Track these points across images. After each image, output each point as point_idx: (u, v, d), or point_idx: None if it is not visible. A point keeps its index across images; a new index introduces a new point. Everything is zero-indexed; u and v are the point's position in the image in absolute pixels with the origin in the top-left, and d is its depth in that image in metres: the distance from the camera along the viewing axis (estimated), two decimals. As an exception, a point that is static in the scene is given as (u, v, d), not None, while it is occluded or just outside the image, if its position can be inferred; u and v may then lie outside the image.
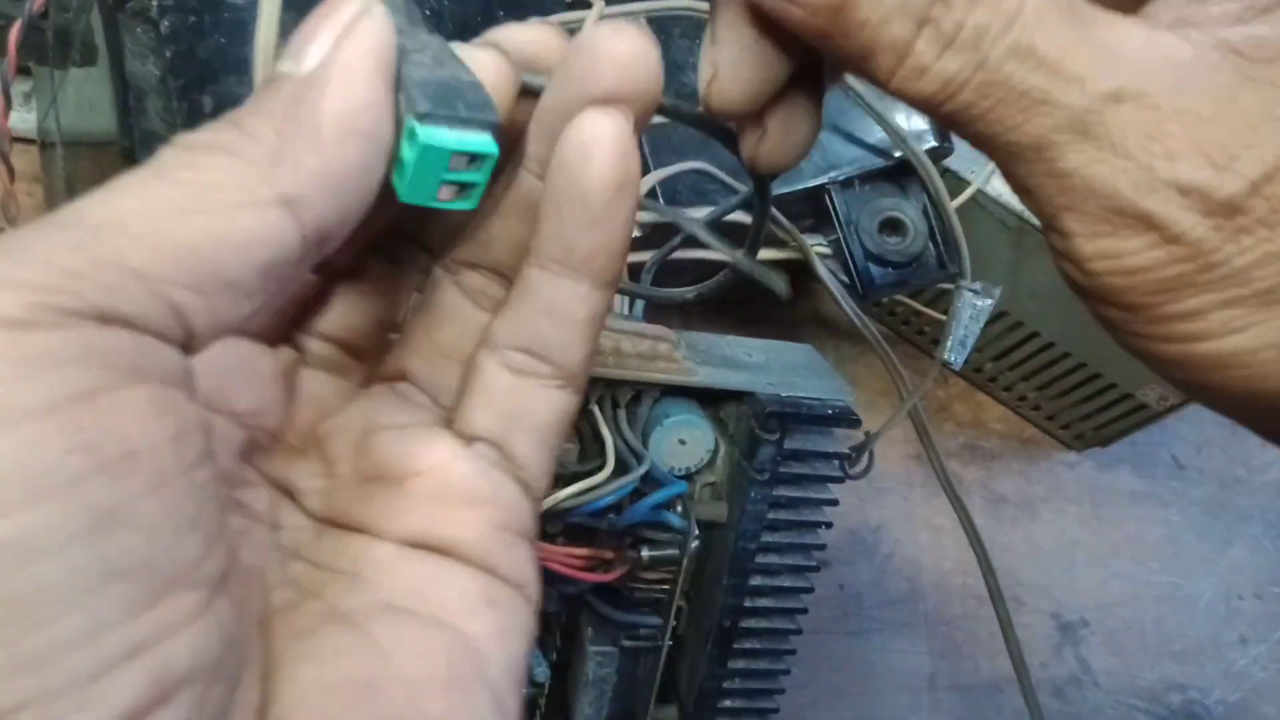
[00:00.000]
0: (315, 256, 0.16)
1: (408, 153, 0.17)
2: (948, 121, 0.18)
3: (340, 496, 0.19)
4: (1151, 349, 0.18)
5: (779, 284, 0.36)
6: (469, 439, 0.19)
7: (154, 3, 0.36)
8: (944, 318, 0.46)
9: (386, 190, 0.17)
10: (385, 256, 0.21)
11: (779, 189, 0.43)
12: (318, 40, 0.16)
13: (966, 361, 0.46)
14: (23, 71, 0.46)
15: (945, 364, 0.46)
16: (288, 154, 0.15)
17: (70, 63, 0.40)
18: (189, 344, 0.15)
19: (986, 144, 0.18)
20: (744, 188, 0.43)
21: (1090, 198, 0.16)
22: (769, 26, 0.18)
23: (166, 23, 0.36)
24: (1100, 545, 0.66)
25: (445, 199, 0.18)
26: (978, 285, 0.45)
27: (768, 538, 0.42)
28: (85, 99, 0.40)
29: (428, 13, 0.41)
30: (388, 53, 0.17)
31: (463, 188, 0.18)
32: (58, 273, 0.13)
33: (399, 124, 0.17)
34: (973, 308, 0.45)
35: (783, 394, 0.41)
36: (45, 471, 0.12)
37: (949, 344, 0.45)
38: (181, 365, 0.15)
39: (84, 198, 0.15)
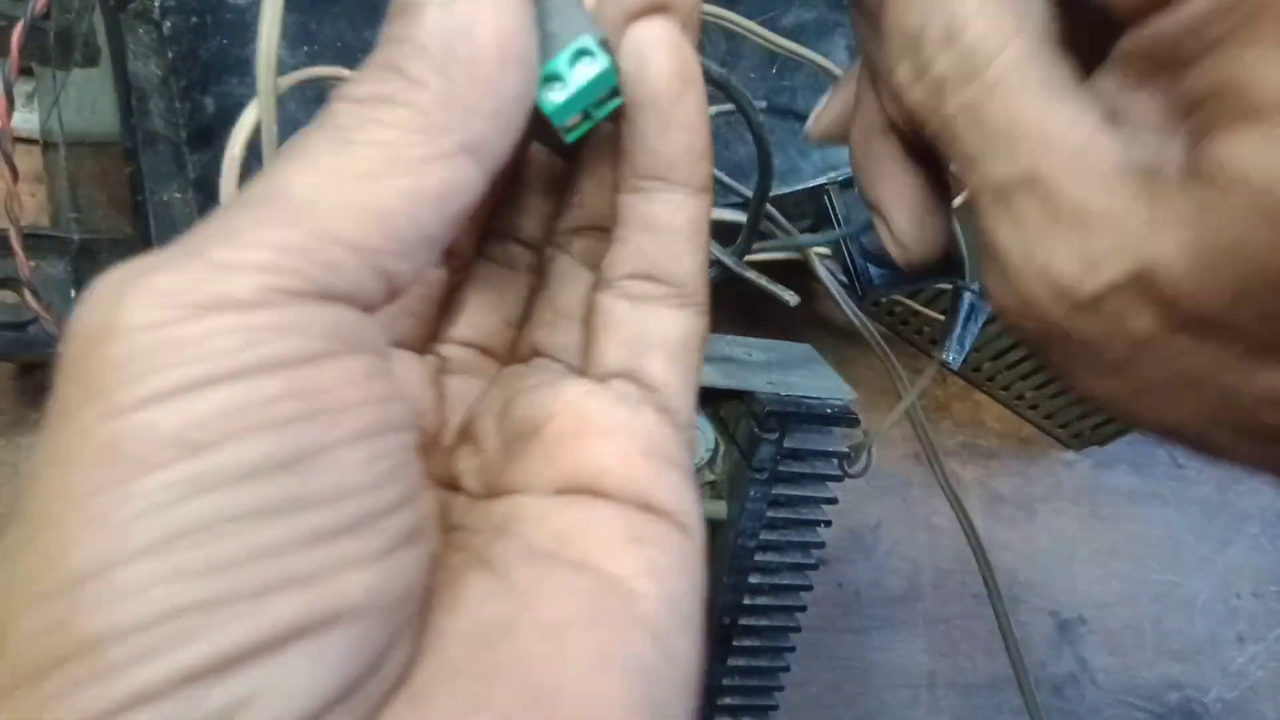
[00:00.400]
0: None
1: (579, 70, 0.17)
2: None
3: (491, 467, 0.19)
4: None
5: (787, 296, 0.37)
6: (603, 379, 0.19)
7: (156, 4, 0.36)
8: (942, 318, 0.46)
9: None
10: (492, 258, 0.22)
11: (779, 189, 0.44)
12: None
13: (965, 361, 0.46)
14: (25, 72, 0.46)
15: (944, 363, 0.46)
16: (458, 96, 0.15)
17: (72, 63, 0.40)
18: (388, 301, 0.16)
19: None
20: (743, 189, 0.43)
21: (992, 254, 0.18)
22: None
23: (168, 24, 0.36)
24: (1098, 544, 0.66)
25: (571, 125, 0.18)
26: (976, 285, 0.45)
27: (767, 536, 0.42)
28: (87, 100, 0.40)
29: None
30: None
31: (584, 120, 0.18)
32: (283, 254, 0.14)
33: (547, 42, 0.17)
34: (971, 308, 0.45)
35: (782, 393, 0.41)
36: (254, 413, 0.13)
37: (947, 343, 0.45)
38: (383, 339, 0.16)
39: (275, 168, 0.15)
